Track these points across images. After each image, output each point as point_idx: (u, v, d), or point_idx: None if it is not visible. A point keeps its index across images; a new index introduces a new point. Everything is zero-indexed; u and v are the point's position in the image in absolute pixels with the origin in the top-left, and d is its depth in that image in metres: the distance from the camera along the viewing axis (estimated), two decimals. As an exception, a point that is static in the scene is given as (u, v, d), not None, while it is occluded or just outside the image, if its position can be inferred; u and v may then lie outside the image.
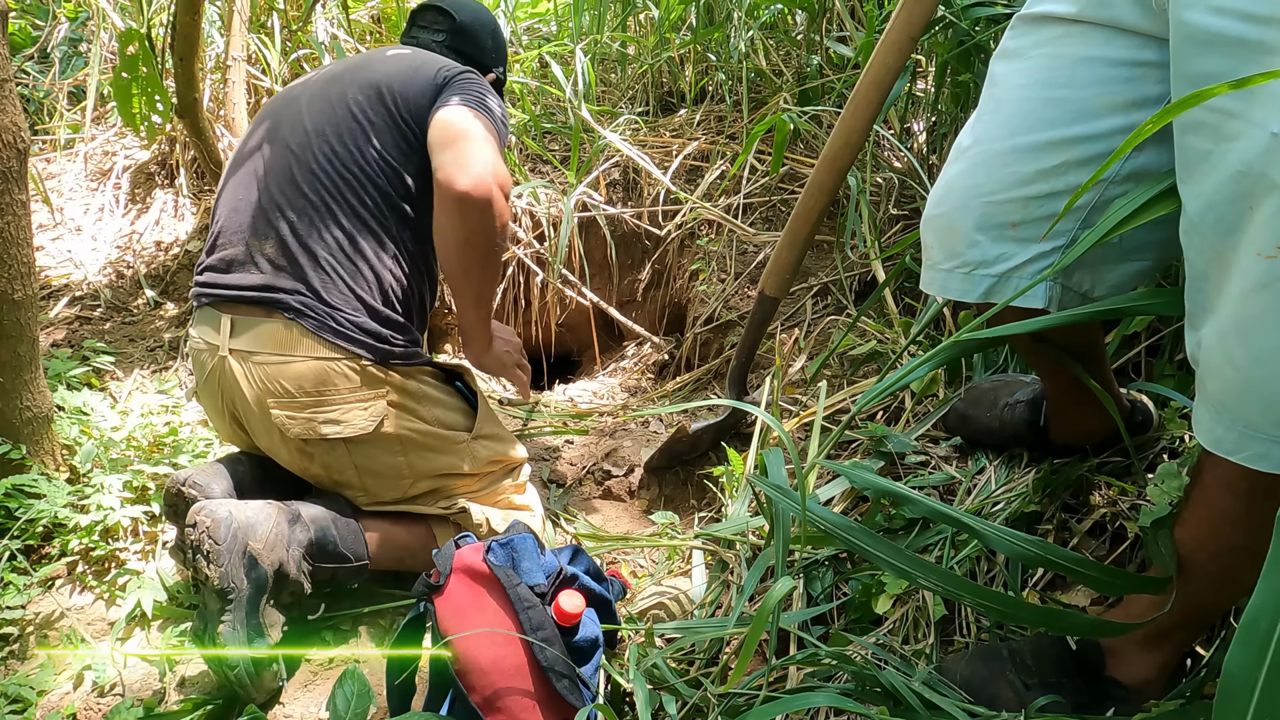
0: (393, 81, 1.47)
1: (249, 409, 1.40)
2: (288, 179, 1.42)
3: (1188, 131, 0.75)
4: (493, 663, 1.07)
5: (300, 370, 1.35)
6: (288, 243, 1.39)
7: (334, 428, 1.36)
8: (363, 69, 1.52)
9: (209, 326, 1.42)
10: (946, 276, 1.03)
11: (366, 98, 1.46)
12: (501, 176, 1.37)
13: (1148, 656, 1.00)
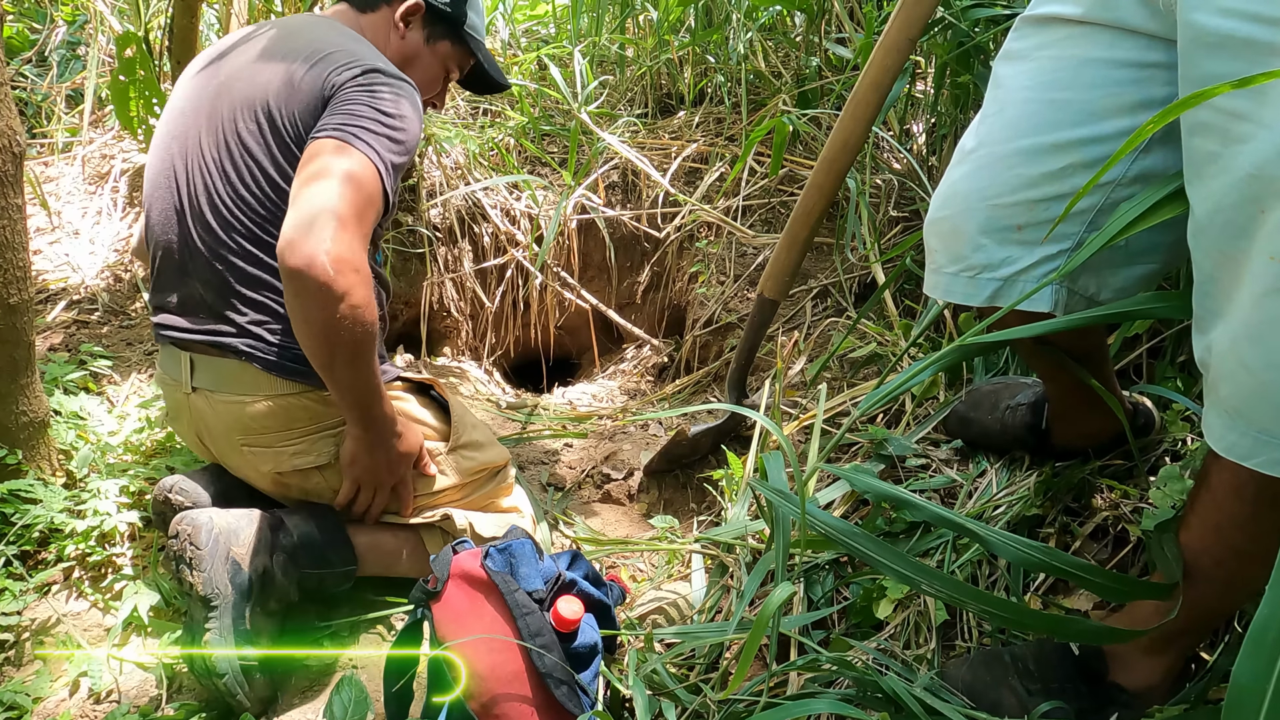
0: (280, 101, 1.28)
1: (219, 443, 1.38)
2: (203, 223, 1.31)
3: (1195, 133, 0.74)
4: (490, 669, 1.06)
5: (262, 409, 1.32)
6: (217, 288, 1.31)
7: (305, 459, 1.35)
8: (249, 80, 1.31)
9: (172, 363, 1.39)
10: (951, 280, 1.02)
11: (257, 128, 1.28)
12: (344, 254, 1.11)
13: (1151, 661, 0.99)
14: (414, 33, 1.50)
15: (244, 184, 1.29)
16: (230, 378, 1.33)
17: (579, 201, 2.72)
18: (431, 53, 1.53)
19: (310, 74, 1.28)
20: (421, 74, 1.53)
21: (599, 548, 1.65)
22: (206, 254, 1.31)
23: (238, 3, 2.63)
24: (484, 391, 2.51)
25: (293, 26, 1.40)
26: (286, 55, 1.31)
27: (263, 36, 1.37)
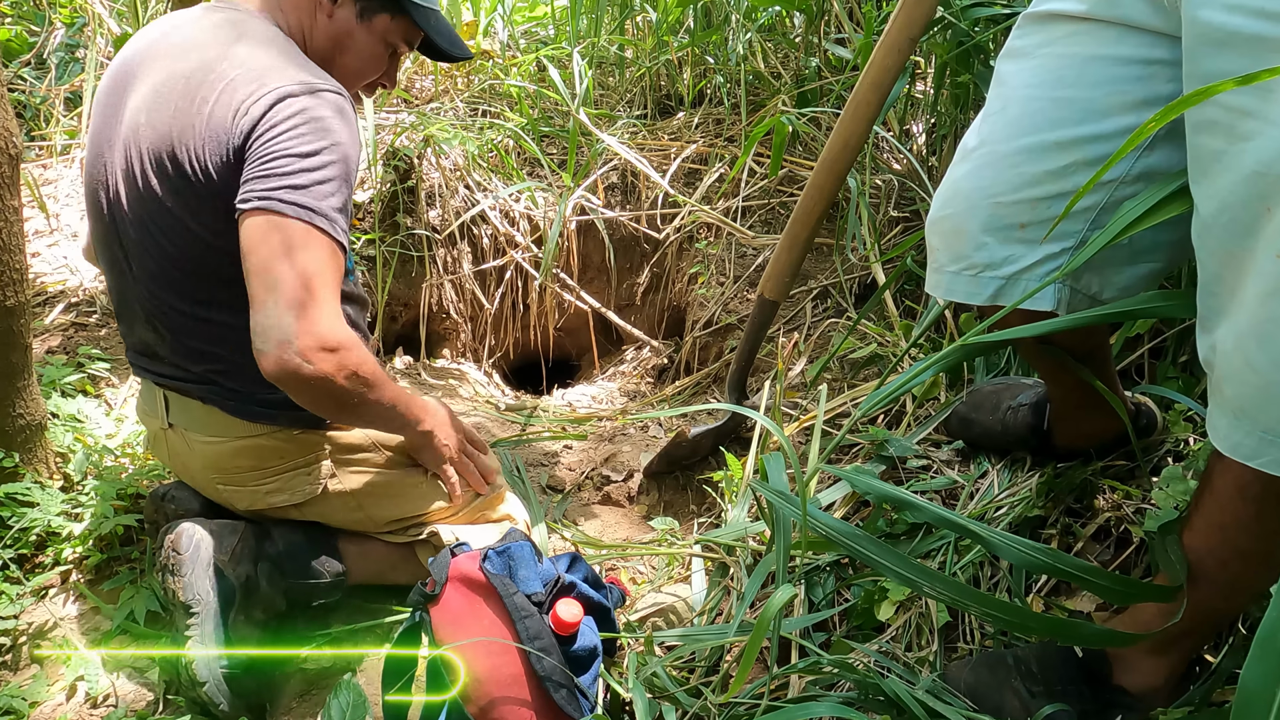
0: (187, 150, 1.14)
1: (196, 479, 1.37)
2: (141, 281, 1.24)
3: (1200, 131, 0.73)
4: (489, 672, 1.05)
5: (234, 449, 1.29)
6: (167, 342, 1.27)
7: (281, 496, 1.32)
8: (153, 125, 1.16)
9: (149, 396, 1.36)
10: (953, 279, 1.01)
11: (170, 187, 1.16)
12: (313, 345, 1.07)
13: (1155, 663, 0.99)
14: (343, 10, 1.28)
15: (170, 242, 1.19)
16: (201, 419, 1.29)
17: (578, 203, 2.72)
18: (367, 30, 1.31)
19: (216, 113, 1.13)
20: (357, 57, 1.33)
21: (599, 551, 1.64)
22: (144, 313, 1.26)
23: (236, 4, 2.63)
24: (483, 393, 2.51)
25: (194, 38, 1.21)
26: (189, 85, 1.15)
27: (164, 57, 1.21)
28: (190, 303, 1.22)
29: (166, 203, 1.17)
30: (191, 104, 1.14)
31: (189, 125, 1.14)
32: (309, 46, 1.29)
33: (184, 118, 1.14)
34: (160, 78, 1.18)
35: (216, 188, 1.13)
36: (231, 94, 1.13)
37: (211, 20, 1.23)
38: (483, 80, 3.27)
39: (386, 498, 1.40)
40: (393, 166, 2.70)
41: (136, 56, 1.25)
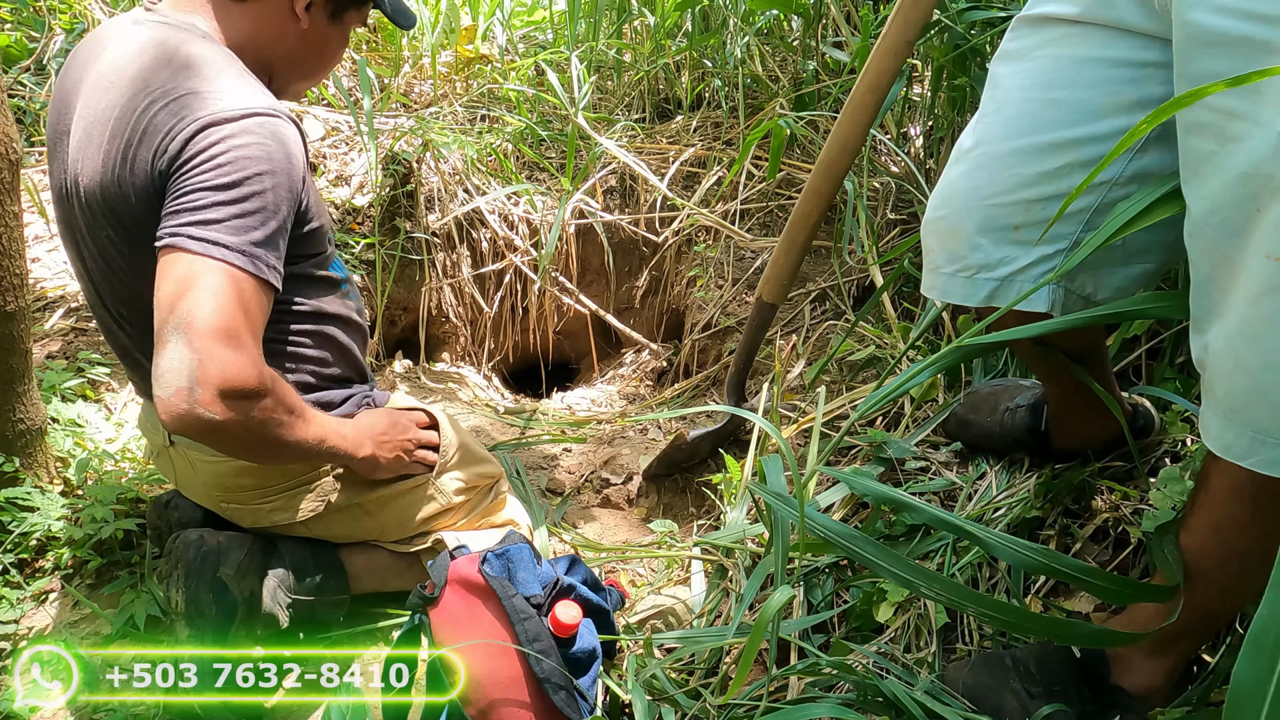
0: (117, 199, 1.07)
1: (199, 496, 1.36)
2: (117, 332, 1.23)
3: (1191, 132, 0.74)
4: (488, 675, 1.05)
5: (236, 468, 1.27)
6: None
7: (283, 515, 1.31)
8: (90, 170, 1.09)
9: (152, 413, 1.32)
10: (948, 280, 1.02)
11: (112, 242, 1.11)
12: (213, 398, 0.97)
13: (1153, 663, 0.99)
14: (317, 17, 1.23)
15: (126, 301, 1.16)
16: None
17: (577, 206, 2.72)
18: (339, 29, 1.28)
19: (140, 152, 1.05)
20: (331, 56, 1.31)
21: (598, 553, 1.64)
22: (124, 355, 1.27)
23: (235, 10, 2.64)
24: (482, 397, 2.51)
25: (119, 65, 1.10)
26: (114, 128, 1.07)
27: (93, 88, 1.11)
28: None
29: (115, 261, 1.13)
30: (115, 149, 1.06)
31: (118, 167, 1.06)
32: (275, 56, 1.23)
33: (114, 158, 1.07)
34: (89, 117, 1.10)
35: (150, 235, 1.05)
36: (152, 135, 1.04)
37: (138, 41, 1.12)
38: (481, 85, 3.28)
39: (394, 501, 1.40)
40: (392, 171, 2.71)
41: (71, 85, 1.16)
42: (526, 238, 2.76)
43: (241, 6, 1.18)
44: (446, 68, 3.37)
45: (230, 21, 1.18)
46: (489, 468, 1.52)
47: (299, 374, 1.26)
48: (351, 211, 2.73)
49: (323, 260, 1.27)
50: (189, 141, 1.02)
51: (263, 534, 1.37)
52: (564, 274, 2.80)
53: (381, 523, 1.41)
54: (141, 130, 1.04)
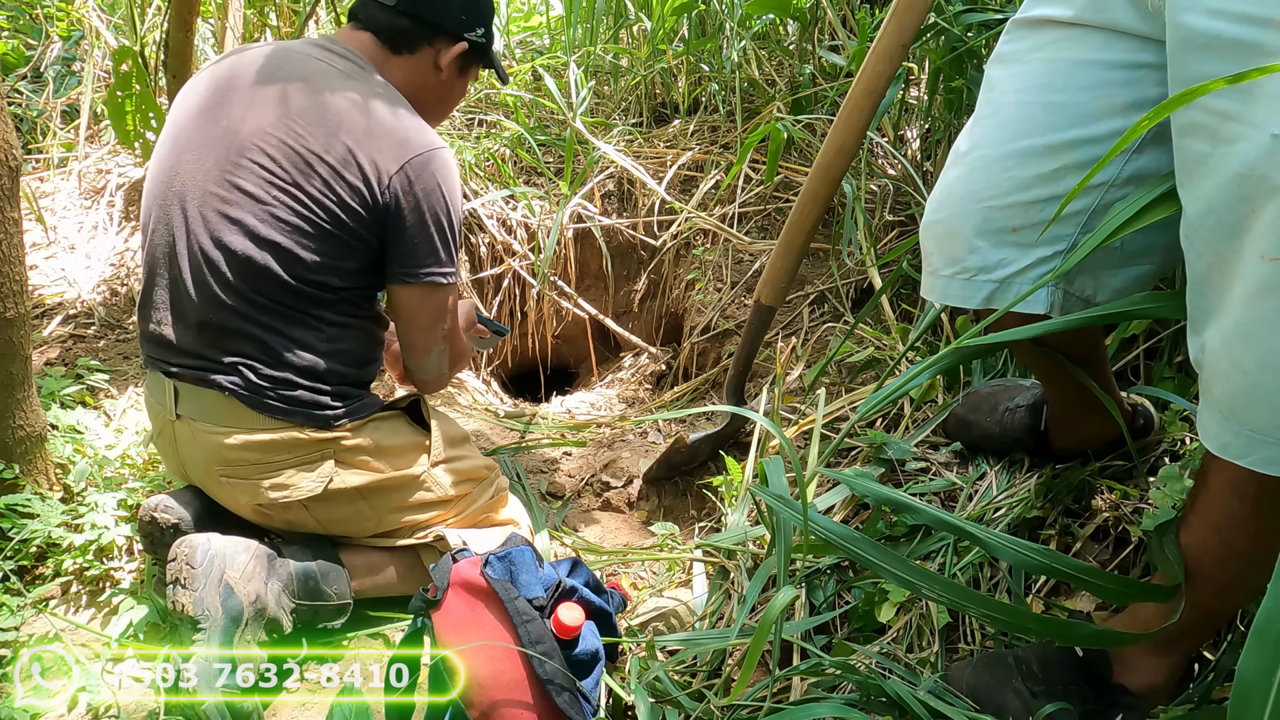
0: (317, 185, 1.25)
1: (199, 473, 1.37)
2: (204, 277, 1.29)
3: (1185, 134, 0.74)
4: (491, 677, 1.06)
5: (243, 441, 1.31)
6: (210, 331, 1.30)
7: (282, 493, 1.33)
8: (268, 145, 1.25)
9: (158, 387, 1.37)
10: (947, 283, 1.02)
11: (290, 203, 1.25)
12: (450, 371, 1.49)
13: (1155, 662, 0.99)
14: (449, 69, 1.44)
15: (274, 254, 1.26)
16: (212, 409, 1.32)
17: (575, 210, 2.73)
18: (463, 81, 1.52)
19: (358, 163, 1.25)
20: (455, 102, 1.56)
21: (599, 556, 1.64)
22: (200, 303, 1.29)
23: (233, 17, 2.64)
24: (482, 401, 2.51)
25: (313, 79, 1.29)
26: (326, 120, 1.25)
27: (277, 88, 1.28)
28: (250, 304, 1.28)
29: (289, 225, 1.26)
30: (329, 138, 1.25)
31: (325, 160, 1.25)
32: (415, 100, 1.39)
33: (319, 151, 1.24)
34: (293, 105, 1.27)
35: (346, 225, 1.27)
36: (372, 148, 1.26)
37: (335, 65, 1.33)
38: (478, 90, 3.29)
39: (389, 490, 1.42)
40: (390, 176, 2.71)
41: (242, 75, 1.32)
42: (525, 242, 2.76)
43: (398, 59, 1.41)
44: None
45: (389, 70, 1.40)
46: (481, 466, 1.55)
47: (353, 353, 1.39)
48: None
49: None
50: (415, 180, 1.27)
51: (266, 537, 1.37)
52: (562, 278, 2.80)
53: (378, 511, 1.42)
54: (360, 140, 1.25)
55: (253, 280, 1.27)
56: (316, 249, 1.27)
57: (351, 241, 1.29)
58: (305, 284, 1.29)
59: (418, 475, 1.44)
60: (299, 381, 1.31)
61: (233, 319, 1.29)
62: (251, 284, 1.28)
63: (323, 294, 1.31)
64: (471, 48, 1.43)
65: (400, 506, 1.44)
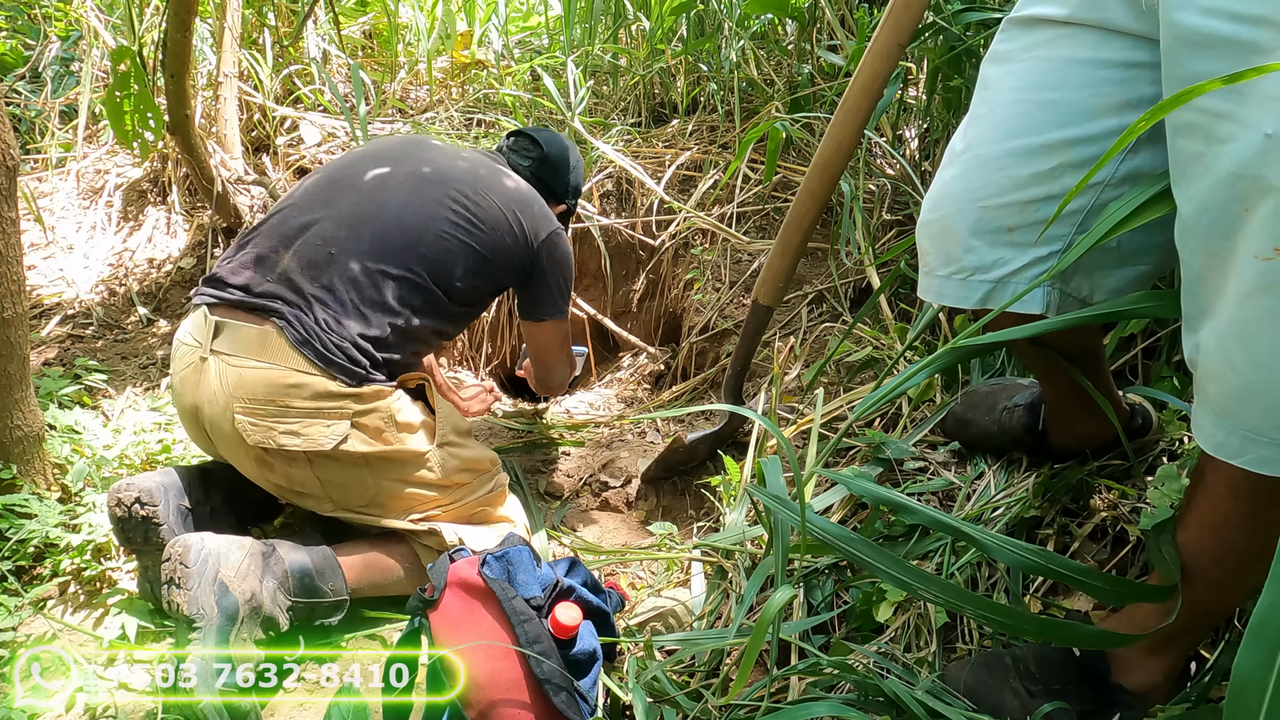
0: (495, 226, 1.58)
1: (215, 411, 1.39)
2: (352, 228, 1.47)
3: (1179, 134, 0.74)
4: (489, 677, 1.06)
5: (272, 378, 1.36)
6: (319, 266, 1.43)
7: (293, 440, 1.36)
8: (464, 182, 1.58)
9: (198, 326, 1.45)
10: (943, 283, 1.02)
11: (465, 225, 1.55)
12: (571, 373, 1.98)
13: (1153, 661, 0.99)
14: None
15: (435, 252, 1.51)
16: (251, 343, 1.38)
17: (574, 210, 2.73)
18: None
19: (520, 221, 1.62)
20: None
21: (597, 556, 1.64)
22: (339, 267, 1.44)
23: (231, 17, 2.64)
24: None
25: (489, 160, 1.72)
26: (497, 186, 1.63)
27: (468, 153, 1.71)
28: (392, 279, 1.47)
29: (451, 239, 1.52)
30: (501, 192, 1.62)
31: (496, 213, 1.58)
32: None
33: (495, 204, 1.59)
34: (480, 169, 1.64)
35: (501, 255, 1.59)
36: (531, 215, 1.64)
37: (491, 157, 1.77)
38: (477, 90, 3.29)
39: (393, 462, 1.44)
40: (388, 176, 2.71)
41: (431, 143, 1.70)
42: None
43: None
44: (442, 73, 3.38)
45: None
46: (483, 457, 1.57)
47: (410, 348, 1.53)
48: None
49: None
50: (556, 246, 1.69)
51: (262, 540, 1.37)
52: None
53: (378, 480, 1.44)
54: (519, 201, 1.64)
55: (402, 257, 1.47)
56: (472, 263, 1.54)
57: (496, 271, 1.60)
58: (452, 299, 1.53)
59: (423, 453, 1.47)
60: (353, 344, 1.40)
61: (346, 275, 1.43)
62: (400, 259, 1.47)
63: (439, 297, 1.51)
64: (567, 209, 1.92)
65: (400, 479, 1.45)
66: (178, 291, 2.59)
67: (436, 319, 1.53)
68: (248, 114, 2.88)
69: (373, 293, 1.44)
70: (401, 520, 1.47)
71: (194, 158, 2.35)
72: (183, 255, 2.66)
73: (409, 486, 1.46)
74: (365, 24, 3.53)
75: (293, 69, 3.05)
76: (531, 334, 1.83)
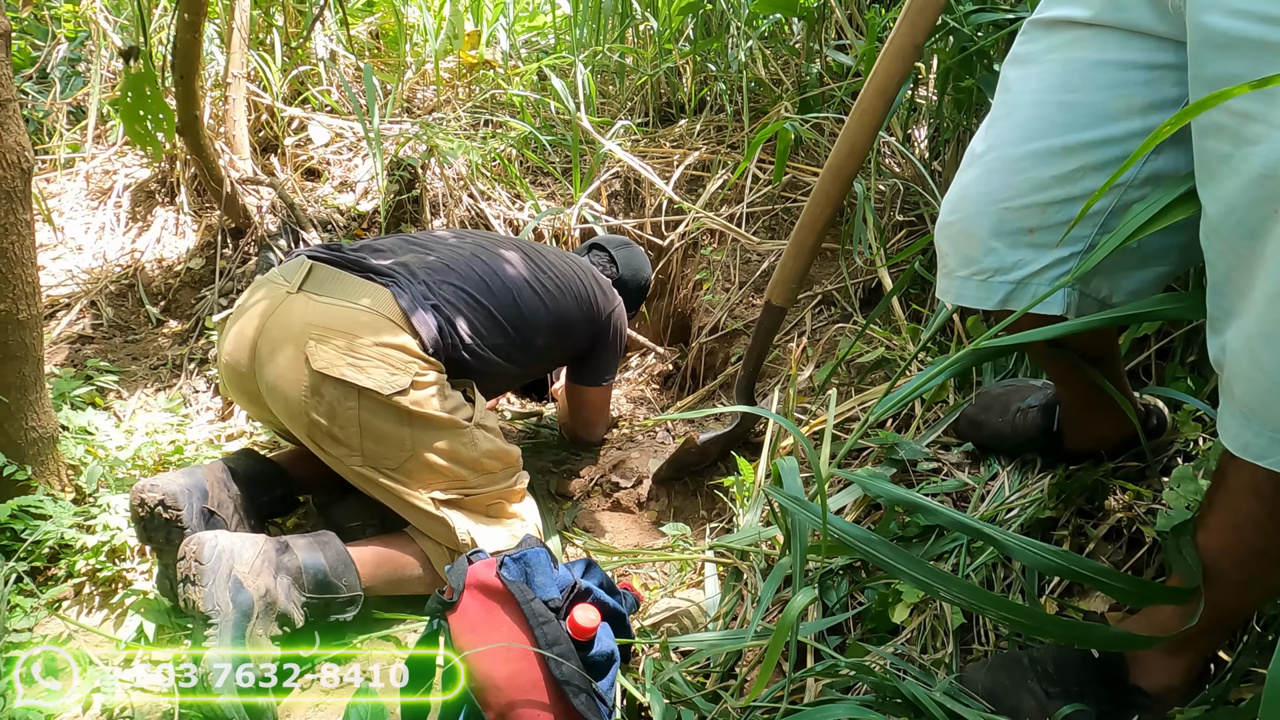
0: (577, 301, 1.82)
1: (283, 337, 1.44)
2: (466, 263, 1.66)
3: (1207, 135, 0.74)
4: (508, 679, 1.06)
5: (359, 318, 1.44)
6: (435, 272, 1.59)
7: (356, 374, 1.40)
8: (555, 260, 1.83)
9: (290, 269, 1.55)
10: (963, 284, 1.02)
11: (554, 291, 1.77)
12: (606, 424, 2.20)
13: (1171, 663, 0.99)
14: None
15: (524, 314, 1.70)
16: (351, 288, 1.50)
17: (581, 211, 2.73)
18: None
19: (593, 294, 1.87)
20: None
21: (610, 557, 1.64)
22: (452, 284, 1.59)
23: (240, 18, 2.64)
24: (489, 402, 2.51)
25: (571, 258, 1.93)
26: (578, 268, 1.89)
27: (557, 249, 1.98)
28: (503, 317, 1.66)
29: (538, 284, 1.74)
30: (585, 275, 1.88)
31: (584, 283, 1.85)
32: None
33: (581, 276, 1.86)
34: (551, 253, 1.87)
35: (579, 316, 1.83)
36: (600, 291, 1.90)
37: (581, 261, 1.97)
38: (485, 90, 3.29)
39: (434, 428, 1.47)
40: (397, 177, 2.72)
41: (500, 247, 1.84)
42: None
43: None
44: (450, 73, 3.38)
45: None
46: (511, 449, 1.61)
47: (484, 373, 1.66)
48: (357, 217, 2.74)
49: None
50: (617, 321, 1.95)
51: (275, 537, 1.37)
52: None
53: (416, 443, 1.46)
54: (593, 292, 1.88)
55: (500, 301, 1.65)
56: (554, 325, 1.75)
57: (572, 331, 1.82)
58: (521, 333, 1.68)
59: (463, 426, 1.50)
60: (447, 326, 1.53)
61: (455, 290, 1.59)
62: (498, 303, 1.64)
63: (517, 351, 1.68)
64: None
65: (436, 449, 1.48)
66: (187, 292, 2.60)
67: (506, 363, 1.67)
68: (256, 115, 2.88)
69: (470, 314, 1.59)
70: (422, 496, 1.47)
71: (203, 158, 2.35)
72: (191, 256, 2.66)
73: (441, 458, 1.48)
74: (372, 24, 3.54)
75: (301, 70, 3.06)
76: (584, 398, 2.04)
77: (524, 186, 2.85)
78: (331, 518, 1.71)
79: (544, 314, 1.72)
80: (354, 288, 1.50)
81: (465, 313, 1.58)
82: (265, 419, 1.63)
